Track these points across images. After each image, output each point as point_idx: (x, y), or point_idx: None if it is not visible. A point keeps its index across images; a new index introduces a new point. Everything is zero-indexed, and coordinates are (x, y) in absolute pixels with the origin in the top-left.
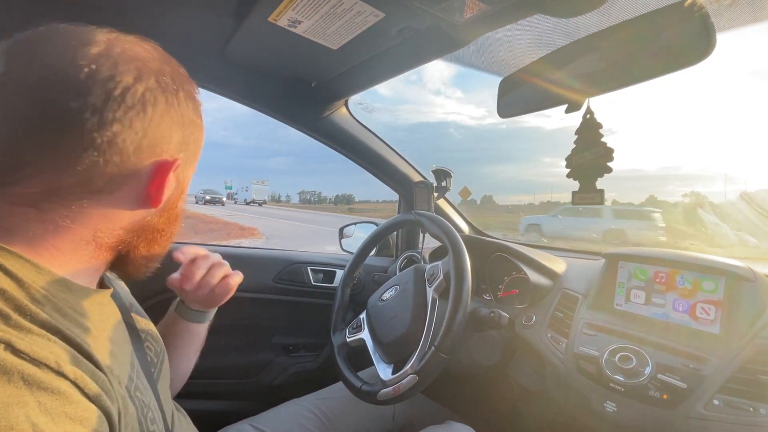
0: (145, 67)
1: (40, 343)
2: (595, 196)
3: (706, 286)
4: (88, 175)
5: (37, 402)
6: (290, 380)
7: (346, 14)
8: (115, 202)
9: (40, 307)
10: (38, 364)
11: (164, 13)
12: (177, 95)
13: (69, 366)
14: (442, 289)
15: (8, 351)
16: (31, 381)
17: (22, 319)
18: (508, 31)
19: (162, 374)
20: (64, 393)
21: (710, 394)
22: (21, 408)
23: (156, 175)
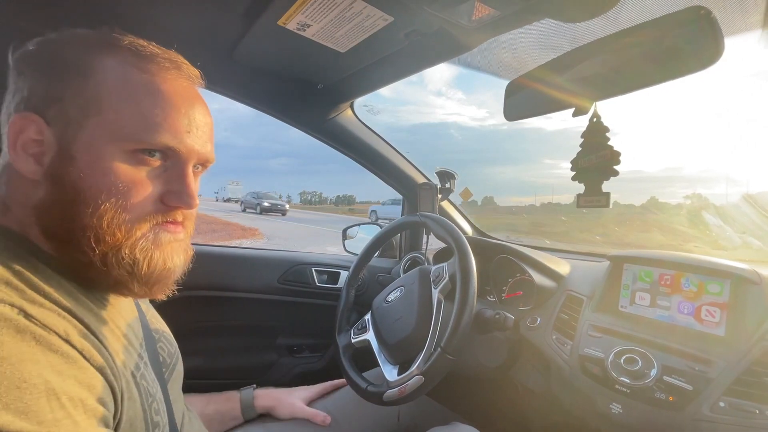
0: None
1: (50, 314)
2: (601, 199)
3: (712, 288)
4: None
5: (48, 362)
6: (295, 381)
7: (354, 18)
8: (8, 167)
9: (53, 290)
10: (47, 330)
11: (174, 14)
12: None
13: (76, 337)
14: (447, 290)
15: (21, 315)
16: (43, 342)
17: (36, 294)
18: (514, 35)
19: (174, 376)
20: (72, 357)
21: (716, 396)
22: (33, 365)
23: (12, 133)
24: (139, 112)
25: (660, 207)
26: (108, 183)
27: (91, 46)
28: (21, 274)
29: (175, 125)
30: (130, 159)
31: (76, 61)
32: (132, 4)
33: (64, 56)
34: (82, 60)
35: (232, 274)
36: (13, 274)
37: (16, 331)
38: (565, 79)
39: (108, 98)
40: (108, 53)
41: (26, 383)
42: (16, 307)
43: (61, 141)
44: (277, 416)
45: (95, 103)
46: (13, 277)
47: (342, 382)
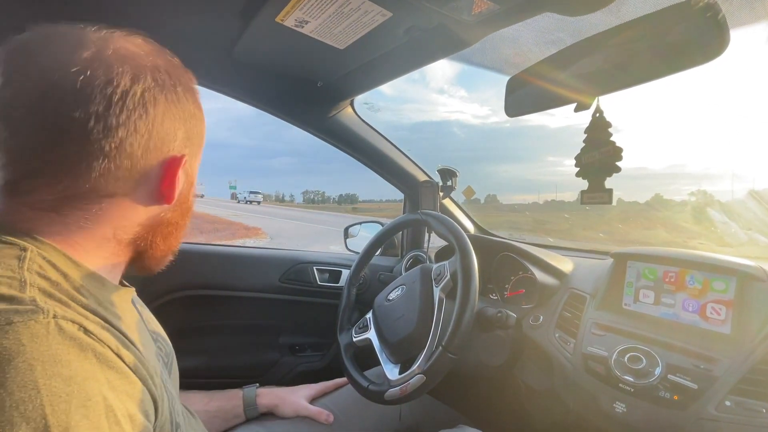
0: (140, 65)
1: (100, 328)
2: (604, 196)
3: (717, 285)
4: (102, 180)
5: (106, 379)
6: (297, 380)
7: (353, 14)
8: (131, 202)
9: (85, 298)
10: (104, 345)
11: (172, 14)
12: (176, 90)
13: (123, 350)
14: (449, 288)
15: (81, 331)
16: (102, 359)
17: (80, 308)
18: (515, 30)
19: (172, 375)
20: (125, 373)
21: (722, 395)
22: (95, 382)
23: (166, 173)
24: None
25: (664, 204)
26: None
27: (193, 83)
28: (58, 284)
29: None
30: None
31: (194, 102)
32: (131, 4)
33: (197, 108)
34: (197, 101)
35: (234, 274)
36: (52, 285)
37: (80, 349)
38: (567, 74)
39: (204, 134)
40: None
41: (90, 401)
42: (76, 323)
43: (188, 171)
44: (280, 415)
45: (203, 141)
46: (55, 290)
47: (344, 381)
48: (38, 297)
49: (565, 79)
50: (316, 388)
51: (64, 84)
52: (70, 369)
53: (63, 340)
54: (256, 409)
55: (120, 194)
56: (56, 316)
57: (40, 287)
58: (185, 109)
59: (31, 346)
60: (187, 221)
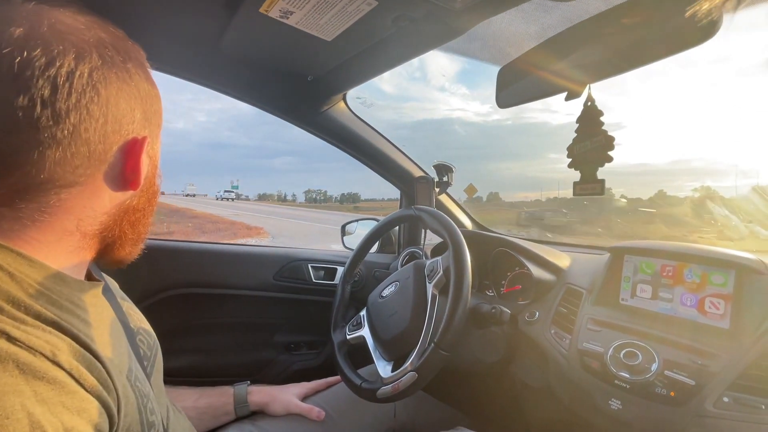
0: (82, 40)
1: (35, 333)
2: (596, 186)
3: (715, 279)
4: (59, 170)
5: (32, 391)
6: (292, 378)
7: (337, 3)
8: (92, 191)
9: (33, 300)
10: (33, 352)
11: (157, 7)
12: (126, 68)
13: (65, 356)
14: (442, 284)
15: (3, 338)
16: (27, 369)
17: (16, 311)
18: (505, 19)
19: (155, 368)
20: (60, 382)
21: (719, 391)
22: (17, 397)
23: (128, 157)
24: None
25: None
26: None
27: (144, 63)
28: (5, 291)
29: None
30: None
31: (147, 78)
32: (115, 2)
33: (144, 76)
34: (149, 77)
35: (228, 272)
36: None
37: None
38: (558, 62)
39: (159, 118)
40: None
41: (9, 419)
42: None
43: (150, 154)
44: (271, 413)
45: (161, 120)
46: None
47: (337, 379)
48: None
49: (556, 67)
50: (308, 386)
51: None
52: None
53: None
54: (247, 406)
55: (80, 183)
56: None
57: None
58: (140, 88)
59: None
60: (154, 206)
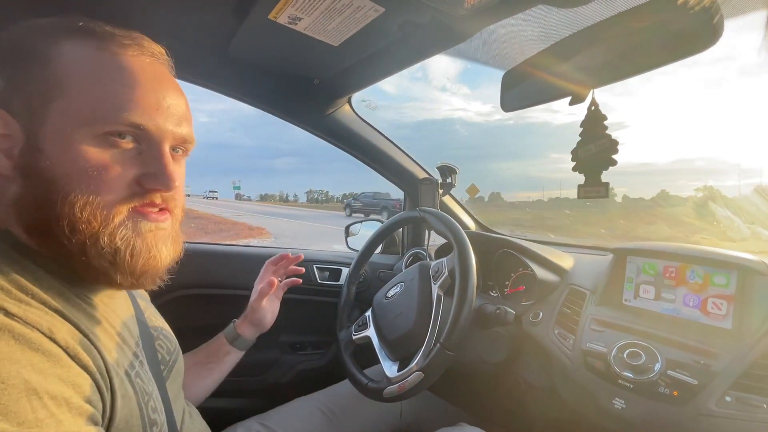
0: None
1: (34, 312)
2: (600, 189)
3: (718, 280)
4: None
5: (28, 360)
6: (297, 378)
7: (345, 10)
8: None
9: (43, 291)
10: (30, 327)
11: (166, 12)
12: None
13: (62, 335)
14: (447, 285)
15: (0, 313)
16: (22, 340)
17: (23, 294)
18: (510, 24)
19: (174, 374)
20: (55, 356)
21: (722, 390)
22: (12, 364)
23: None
24: (102, 92)
25: (670, 200)
26: (78, 169)
27: (48, 32)
28: (8, 274)
29: (143, 102)
30: (99, 143)
31: (33, 49)
32: (124, 2)
33: (21, 45)
34: (40, 47)
35: (234, 272)
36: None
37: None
38: (562, 66)
39: (68, 82)
40: (65, 37)
41: (4, 383)
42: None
43: (27, 132)
44: (262, 326)
45: (56, 89)
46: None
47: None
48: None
49: (560, 72)
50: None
51: None
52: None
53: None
54: (239, 337)
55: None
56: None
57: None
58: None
59: None
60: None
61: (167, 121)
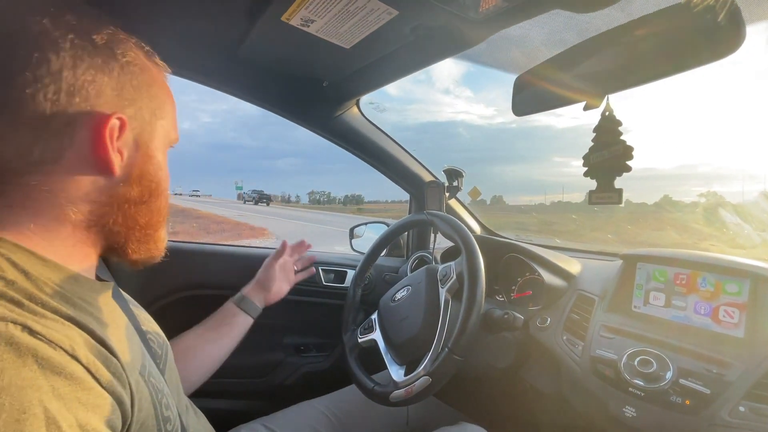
0: (49, 30)
1: (55, 326)
2: (613, 196)
3: (730, 288)
4: (20, 147)
5: (50, 386)
6: (301, 380)
7: (359, 12)
8: (67, 171)
9: (49, 297)
10: (54, 346)
11: (178, 14)
12: (90, 39)
13: (83, 350)
14: (455, 290)
15: (25, 332)
16: (45, 365)
17: (35, 305)
18: (522, 28)
19: (168, 367)
20: (77, 378)
21: (735, 400)
22: (35, 392)
23: (95, 135)
24: (171, 113)
25: (674, 205)
26: (166, 177)
27: (144, 50)
28: (14, 283)
29: (175, 120)
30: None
31: (145, 66)
32: (136, 5)
33: (130, 59)
34: (146, 65)
35: (238, 273)
36: (6, 284)
37: (17, 355)
38: (576, 72)
39: (165, 103)
40: (152, 58)
41: (26, 414)
42: (19, 324)
43: (138, 140)
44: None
45: (161, 109)
46: (8, 288)
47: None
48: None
49: (574, 77)
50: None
51: None
52: (2, 379)
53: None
54: (245, 298)
55: (49, 161)
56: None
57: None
58: (109, 62)
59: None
60: (156, 201)
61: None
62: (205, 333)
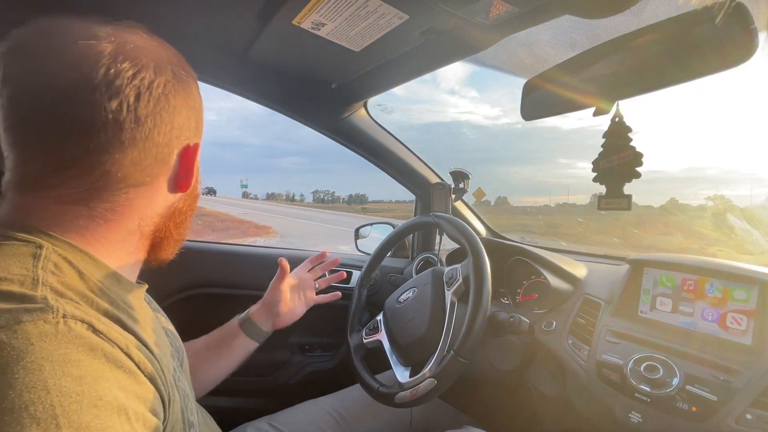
0: (158, 57)
1: (110, 327)
2: (623, 202)
3: (738, 295)
4: (132, 170)
5: (115, 378)
6: (306, 379)
7: (369, 16)
8: (153, 191)
9: (99, 298)
10: (113, 345)
11: (190, 15)
12: (188, 82)
13: (134, 350)
14: (461, 292)
15: (90, 330)
16: (111, 359)
17: (89, 308)
18: (532, 33)
19: (183, 369)
20: (133, 373)
21: (742, 407)
22: (105, 382)
23: (183, 161)
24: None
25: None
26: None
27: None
28: (68, 284)
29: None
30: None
31: (199, 92)
32: (148, 5)
33: (194, 88)
34: (199, 91)
35: (244, 273)
36: (63, 284)
37: (90, 349)
38: (586, 78)
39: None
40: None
41: (102, 401)
42: (85, 322)
43: (197, 160)
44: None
45: (200, 127)
46: (65, 288)
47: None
48: (50, 295)
49: (584, 83)
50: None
51: (94, 76)
52: (80, 368)
53: (72, 339)
54: (249, 320)
55: (145, 184)
56: (66, 315)
57: (53, 286)
58: (195, 99)
59: (40, 345)
60: (195, 209)
61: None
62: (204, 351)
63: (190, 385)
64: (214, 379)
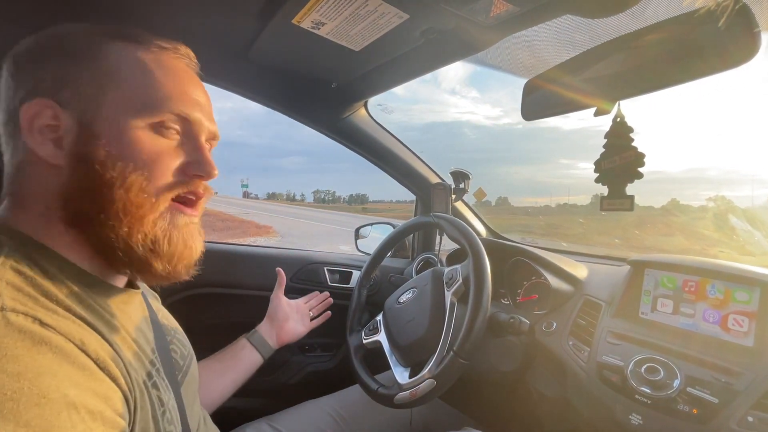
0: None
1: (65, 322)
2: (625, 202)
3: (739, 296)
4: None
5: (66, 374)
6: (306, 379)
7: (369, 16)
8: (29, 159)
9: (65, 296)
10: (64, 338)
11: (189, 14)
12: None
13: (92, 346)
14: (461, 293)
15: (36, 324)
16: (59, 353)
17: (49, 302)
18: (532, 32)
19: (188, 379)
20: (89, 369)
21: (744, 410)
22: (52, 378)
23: (26, 120)
24: (152, 85)
25: (681, 209)
26: (134, 155)
27: (92, 34)
28: (32, 279)
29: (185, 96)
30: (150, 131)
31: (84, 46)
32: (147, 5)
33: (72, 42)
34: (90, 44)
35: (246, 272)
36: (24, 280)
37: (33, 343)
38: (587, 78)
39: (120, 75)
40: (109, 39)
41: (45, 398)
42: (30, 316)
43: (80, 121)
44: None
45: (110, 81)
46: (25, 284)
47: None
48: (4, 291)
49: (585, 83)
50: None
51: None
52: (18, 364)
53: (9, 332)
54: (256, 332)
55: (12, 147)
56: (4, 308)
57: (10, 281)
58: (48, 43)
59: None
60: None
61: (204, 115)
62: (212, 364)
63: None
64: (221, 394)
